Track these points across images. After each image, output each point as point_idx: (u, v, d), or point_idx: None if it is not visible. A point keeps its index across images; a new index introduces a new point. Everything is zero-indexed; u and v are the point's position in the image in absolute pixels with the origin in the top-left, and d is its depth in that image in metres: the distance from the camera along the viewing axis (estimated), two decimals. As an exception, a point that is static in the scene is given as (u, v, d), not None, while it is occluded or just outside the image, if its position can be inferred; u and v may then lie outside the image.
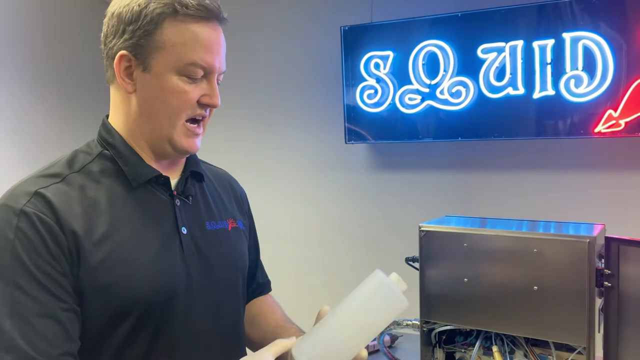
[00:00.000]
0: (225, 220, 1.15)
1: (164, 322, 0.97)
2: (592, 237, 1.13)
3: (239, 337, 1.16)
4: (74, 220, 0.91)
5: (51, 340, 0.86)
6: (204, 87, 1.01)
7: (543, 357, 1.26)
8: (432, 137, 2.62)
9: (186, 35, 0.97)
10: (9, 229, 0.88)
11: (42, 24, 3.10)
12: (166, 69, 0.98)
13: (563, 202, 2.47)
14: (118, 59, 0.98)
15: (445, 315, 1.28)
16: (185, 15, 0.97)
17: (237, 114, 3.21)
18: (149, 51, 0.97)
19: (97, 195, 0.96)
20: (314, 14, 2.99)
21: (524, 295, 1.20)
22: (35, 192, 0.91)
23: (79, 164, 1.00)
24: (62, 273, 0.89)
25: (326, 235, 3.04)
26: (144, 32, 0.97)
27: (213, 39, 1.01)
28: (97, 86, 3.19)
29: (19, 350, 0.83)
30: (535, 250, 1.18)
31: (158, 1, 0.97)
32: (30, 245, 0.88)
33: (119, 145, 1.02)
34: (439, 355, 1.37)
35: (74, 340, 0.89)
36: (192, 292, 1.01)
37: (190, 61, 0.97)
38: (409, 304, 0.94)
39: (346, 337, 0.93)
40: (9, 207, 0.90)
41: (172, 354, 0.99)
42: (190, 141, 1.03)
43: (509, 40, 2.39)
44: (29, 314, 0.85)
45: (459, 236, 1.26)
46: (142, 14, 0.97)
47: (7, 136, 2.89)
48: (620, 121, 2.23)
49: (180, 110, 0.99)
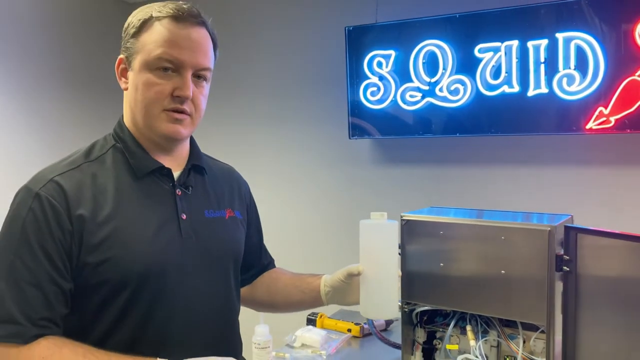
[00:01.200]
0: (223, 210, 1.28)
1: (157, 296, 1.10)
2: (552, 226, 1.23)
3: (232, 315, 1.29)
4: (83, 204, 1.06)
5: (33, 305, 1.02)
6: (176, 81, 1.12)
7: (513, 336, 1.37)
8: (432, 133, 2.73)
9: (155, 33, 1.11)
10: (24, 208, 1.04)
11: (62, 27, 3.26)
12: (141, 65, 1.11)
13: (556, 194, 2.56)
14: (117, 62, 1.15)
15: (424, 296, 1.38)
16: (157, 18, 1.11)
17: (247, 110, 3.35)
18: (133, 53, 1.12)
19: (106, 182, 1.11)
20: (321, 15, 3.11)
21: (493, 278, 1.30)
22: (51, 179, 1.07)
23: (95, 154, 1.15)
24: (59, 253, 1.04)
25: (330, 225, 3.17)
26: (131, 36, 1.13)
27: (181, 35, 1.11)
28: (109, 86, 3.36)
29: (6, 307, 1.00)
30: (503, 238, 1.29)
31: (144, 12, 1.13)
32: (36, 225, 1.03)
33: (127, 140, 1.17)
34: (420, 334, 1.49)
35: (54, 309, 1.04)
36: (184, 271, 1.14)
37: (157, 55, 1.10)
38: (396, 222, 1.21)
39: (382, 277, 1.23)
40: (29, 189, 1.07)
41: (165, 326, 1.12)
42: (171, 126, 1.13)
43: (505, 40, 2.48)
44: (21, 280, 1.01)
45: (435, 225, 1.37)
46: (130, 24, 1.13)
47: (27, 132, 3.07)
48: (610, 118, 2.31)
49: (153, 100, 1.11)
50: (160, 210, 1.15)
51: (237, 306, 1.33)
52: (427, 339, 1.47)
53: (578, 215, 1.56)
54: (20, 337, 1.00)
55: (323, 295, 1.36)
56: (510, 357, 1.36)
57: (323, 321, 2.03)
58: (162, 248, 1.12)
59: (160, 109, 1.12)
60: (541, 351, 1.30)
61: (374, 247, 1.22)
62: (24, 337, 1.00)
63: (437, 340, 1.46)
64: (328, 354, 1.78)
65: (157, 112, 1.12)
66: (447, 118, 2.67)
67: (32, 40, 3.07)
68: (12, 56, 2.97)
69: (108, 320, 1.09)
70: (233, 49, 3.27)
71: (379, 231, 1.18)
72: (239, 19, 3.31)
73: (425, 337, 1.48)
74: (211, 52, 1.18)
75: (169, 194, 1.17)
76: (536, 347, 1.31)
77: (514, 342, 1.34)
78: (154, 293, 1.10)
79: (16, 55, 2.99)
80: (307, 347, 1.84)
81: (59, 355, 1.01)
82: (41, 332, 1.02)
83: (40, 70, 3.12)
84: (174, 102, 1.13)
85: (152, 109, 1.12)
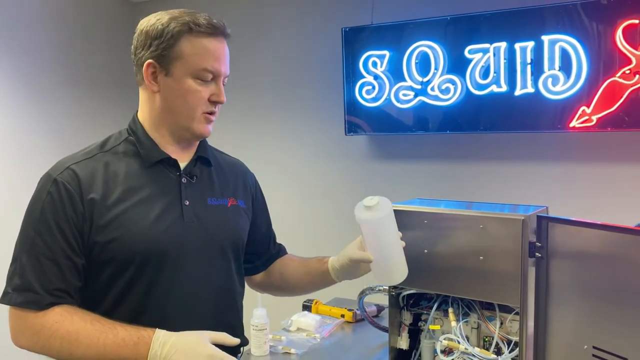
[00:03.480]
0: (225, 199, 1.39)
1: (157, 275, 1.22)
2: (526, 216, 1.34)
3: (232, 297, 1.39)
4: (95, 189, 1.19)
5: (49, 277, 1.16)
6: (212, 88, 1.27)
7: (492, 318, 1.47)
8: (424, 130, 2.82)
9: (199, 48, 1.24)
10: (44, 192, 1.18)
11: (75, 31, 3.36)
12: (184, 73, 1.24)
13: (540, 189, 2.67)
14: (146, 66, 1.24)
15: (409, 281, 1.46)
16: (197, 32, 1.23)
17: (246, 108, 3.46)
18: (170, 60, 1.23)
19: (118, 169, 1.24)
20: (319, 17, 3.21)
21: (472, 264, 1.40)
22: (68, 167, 1.21)
23: (109, 145, 1.28)
24: (72, 232, 1.17)
25: (327, 216, 3.28)
26: (166, 45, 1.23)
27: (219, 50, 1.27)
28: (123, 85, 3.47)
29: (26, 278, 1.15)
30: (481, 227, 1.39)
31: (176, 21, 1.23)
32: (54, 206, 1.17)
33: (139, 133, 1.29)
34: (406, 317, 1.59)
35: (68, 281, 1.18)
36: (185, 252, 1.25)
37: (202, 67, 1.24)
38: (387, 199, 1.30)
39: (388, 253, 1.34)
40: (49, 175, 1.21)
41: (164, 302, 1.23)
42: (205, 127, 1.29)
43: (494, 42, 2.58)
44: (40, 255, 1.16)
45: (420, 214, 1.48)
46: (165, 32, 1.23)
47: (42, 129, 3.18)
48: (592, 117, 2.41)
49: (195, 105, 1.25)
50: (164, 196, 1.26)
51: (238, 289, 1.42)
52: (413, 321, 1.58)
53: (560, 208, 1.66)
54: (36, 303, 1.14)
55: (334, 277, 1.48)
56: (489, 337, 1.46)
57: (318, 307, 2.13)
58: (165, 230, 1.23)
59: (201, 112, 1.26)
60: (516, 331, 1.40)
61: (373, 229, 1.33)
62: (39, 304, 1.14)
63: (422, 322, 1.57)
64: (322, 337, 1.89)
65: (199, 115, 1.26)
66: (438, 116, 2.77)
67: (37, 38, 3.17)
68: (17, 54, 3.07)
69: (114, 294, 1.22)
70: (233, 50, 3.34)
71: (375, 211, 1.29)
72: (239, 21, 3.41)
73: (411, 319, 1.58)
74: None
75: (175, 182, 1.29)
76: (512, 328, 1.42)
77: (492, 323, 1.45)
78: (154, 271, 1.22)
79: (21, 52, 3.09)
80: (302, 330, 1.95)
81: (70, 321, 1.14)
82: (55, 300, 1.16)
83: (46, 68, 3.22)
84: (211, 106, 1.28)
85: (195, 112, 1.26)
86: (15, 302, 1.15)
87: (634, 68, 2.32)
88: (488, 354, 1.42)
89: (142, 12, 1.62)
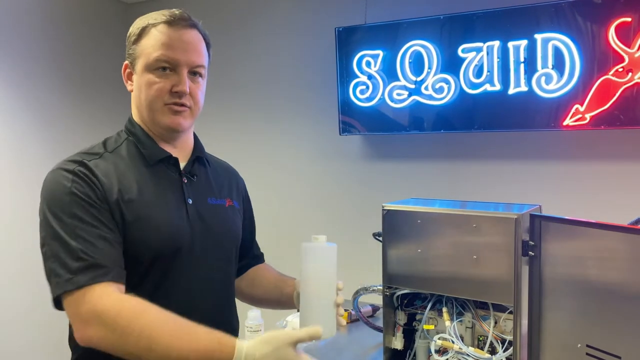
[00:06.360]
0: (223, 199, 1.40)
1: (166, 272, 1.22)
2: (519, 215, 1.34)
3: (229, 295, 1.40)
4: (111, 185, 1.18)
5: (107, 254, 1.11)
6: (174, 78, 1.25)
7: (486, 317, 1.47)
8: (418, 129, 2.83)
9: (152, 38, 1.25)
10: (66, 181, 1.14)
11: (69, 32, 3.35)
12: (142, 68, 1.25)
13: (534, 187, 2.67)
14: (123, 68, 1.29)
15: (404, 281, 1.47)
16: (153, 25, 1.25)
17: (240, 108, 3.45)
18: (136, 58, 1.26)
19: (126, 170, 1.23)
20: (312, 17, 3.20)
21: (466, 263, 1.40)
22: (81, 162, 1.19)
23: (111, 147, 1.28)
24: (109, 211, 1.15)
25: (321, 217, 3.27)
26: (132, 44, 1.27)
27: (175, 38, 1.25)
28: (117, 86, 3.46)
29: (83, 258, 1.08)
30: (474, 226, 1.39)
31: (144, 19, 1.26)
32: (83, 189, 1.14)
33: (138, 133, 1.29)
34: (401, 317, 1.59)
35: (122, 259, 1.15)
36: (192, 250, 1.26)
37: (155, 57, 1.24)
38: (336, 245, 1.23)
39: (320, 296, 1.21)
40: (62, 169, 1.17)
41: (171, 297, 1.23)
42: (170, 118, 1.27)
43: (487, 41, 2.58)
44: (90, 236, 1.10)
45: (413, 214, 1.48)
46: (132, 32, 1.27)
47: (38, 130, 3.16)
48: (585, 115, 2.41)
49: (154, 97, 1.25)
50: (170, 196, 1.27)
51: (233, 290, 1.44)
52: (408, 321, 1.57)
53: (554, 206, 1.66)
54: (107, 275, 1.09)
55: (295, 302, 1.43)
56: (483, 337, 1.45)
57: (313, 308, 2.12)
58: (177, 228, 1.24)
59: (162, 103, 1.25)
60: (510, 330, 1.40)
61: (312, 269, 1.23)
62: (111, 275, 1.09)
63: (416, 322, 1.56)
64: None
65: (159, 106, 1.26)
66: (432, 115, 2.77)
67: (30, 39, 3.16)
68: (12, 55, 3.06)
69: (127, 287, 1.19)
70: (226, 50, 3.36)
71: (319, 252, 1.23)
72: (233, 21, 3.40)
73: (405, 319, 1.58)
74: (204, 51, 1.31)
75: (177, 181, 1.30)
76: (506, 327, 1.41)
77: (486, 322, 1.45)
78: (163, 270, 1.22)
79: (16, 54, 3.08)
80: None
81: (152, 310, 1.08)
82: (123, 273, 1.13)
83: (38, 70, 3.21)
84: (173, 97, 1.26)
85: (155, 105, 1.25)
86: (83, 283, 1.06)
87: (626, 66, 2.32)
88: (482, 353, 1.42)
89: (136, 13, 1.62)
